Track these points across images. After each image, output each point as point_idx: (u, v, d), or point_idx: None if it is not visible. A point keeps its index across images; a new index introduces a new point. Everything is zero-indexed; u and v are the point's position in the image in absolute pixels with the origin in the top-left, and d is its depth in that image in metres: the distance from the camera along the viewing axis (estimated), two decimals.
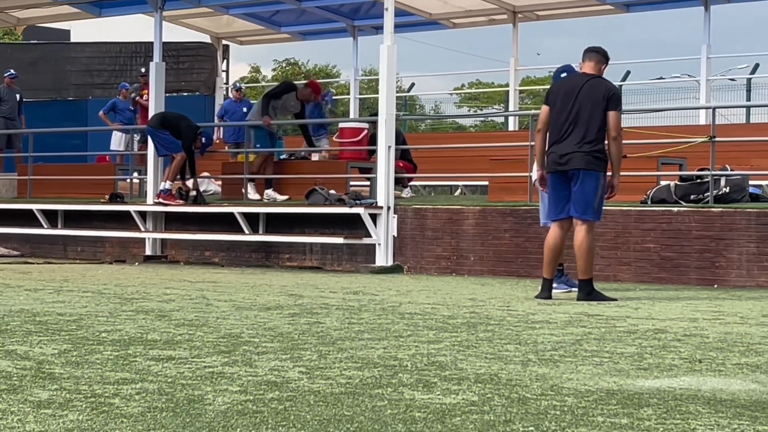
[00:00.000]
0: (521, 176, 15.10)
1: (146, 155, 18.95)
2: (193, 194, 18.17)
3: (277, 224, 17.00)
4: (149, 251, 18.25)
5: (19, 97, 22.49)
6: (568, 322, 8.40)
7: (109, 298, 10.32)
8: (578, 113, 10.36)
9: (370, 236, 15.73)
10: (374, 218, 15.70)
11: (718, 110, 15.75)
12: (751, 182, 14.70)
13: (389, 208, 15.71)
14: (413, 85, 32.20)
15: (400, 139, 16.82)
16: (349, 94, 24.40)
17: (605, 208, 10.76)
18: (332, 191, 16.60)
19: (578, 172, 10.32)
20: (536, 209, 12.24)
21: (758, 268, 12.97)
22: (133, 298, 10.36)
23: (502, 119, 31.51)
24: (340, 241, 15.97)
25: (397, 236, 15.68)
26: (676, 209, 13.66)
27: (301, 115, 18.70)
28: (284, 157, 19.17)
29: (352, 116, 23.30)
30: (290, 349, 6.48)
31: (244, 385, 5.13)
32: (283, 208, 17.12)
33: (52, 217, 19.42)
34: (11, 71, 22.68)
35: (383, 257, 15.65)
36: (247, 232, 16.96)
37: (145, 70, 21.20)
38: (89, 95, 27.85)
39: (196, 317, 8.41)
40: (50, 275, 13.91)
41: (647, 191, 14.09)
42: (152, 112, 18.56)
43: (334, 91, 23.86)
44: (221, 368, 5.65)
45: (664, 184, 14.37)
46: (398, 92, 23.03)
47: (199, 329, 7.53)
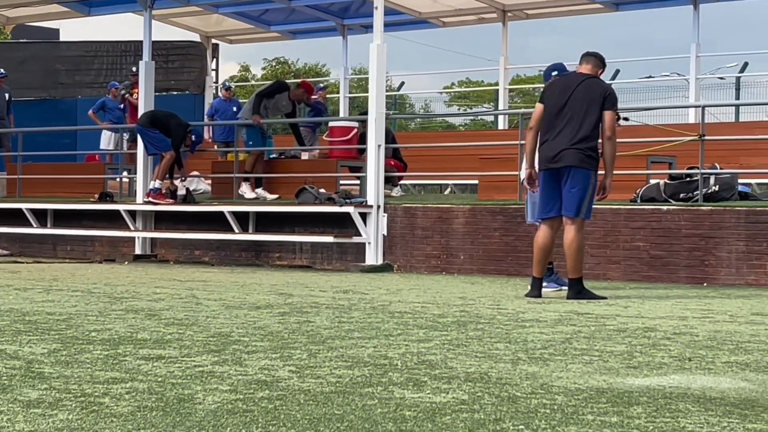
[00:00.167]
0: (511, 175, 15.12)
1: (136, 154, 18.93)
2: (182, 193, 18.16)
3: (267, 223, 16.99)
4: (139, 250, 18.24)
5: (8, 96, 22.42)
6: (557, 320, 8.41)
7: (98, 297, 10.30)
8: (572, 111, 10.34)
9: (360, 235, 15.73)
10: (364, 217, 15.70)
11: (707, 109, 15.77)
12: (740, 180, 14.73)
13: (379, 206, 15.71)
14: (403, 83, 32.21)
15: (389, 137, 16.83)
16: (338, 92, 24.38)
17: (595, 206, 10.76)
18: (322, 190, 16.60)
19: (569, 169, 10.31)
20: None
21: (747, 266, 13.00)
22: (122, 297, 10.34)
23: (491, 118, 31.54)
24: (330, 240, 15.97)
25: (387, 235, 15.68)
26: (665, 208, 13.68)
27: (292, 115, 18.76)
28: (274, 156, 19.16)
29: (341, 115, 23.29)
30: (280, 348, 6.48)
31: (234, 384, 5.12)
32: (273, 207, 17.11)
33: (41, 216, 19.40)
34: (0, 70, 22.62)
35: (373, 256, 15.65)
36: (237, 231, 16.95)
37: (136, 68, 21.18)
38: (78, 94, 27.81)
39: (185, 316, 8.40)
40: (40, 274, 13.89)
41: (637, 190, 14.12)
42: (142, 111, 18.55)
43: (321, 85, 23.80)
44: (211, 367, 5.65)
45: (653, 182, 14.40)
46: (388, 91, 23.05)
47: (188, 328, 7.52)
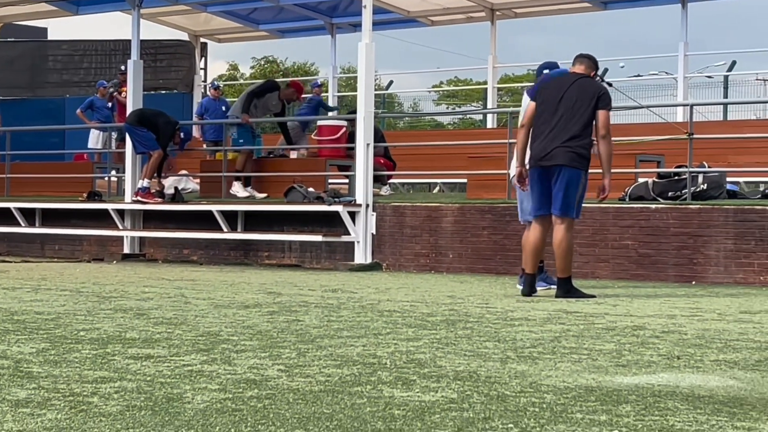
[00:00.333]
0: (500, 173, 15.12)
1: (124, 153, 18.91)
2: (170, 192, 18.15)
3: (255, 222, 16.99)
4: (127, 249, 18.22)
5: None
6: (546, 319, 8.41)
7: (87, 296, 10.29)
8: (565, 110, 10.32)
9: (348, 234, 15.73)
10: (353, 216, 15.70)
11: (695, 107, 15.80)
12: (728, 179, 14.76)
13: (368, 205, 15.71)
14: (392, 82, 32.22)
15: (379, 136, 16.83)
16: (327, 91, 24.38)
17: (583, 205, 10.75)
18: (311, 189, 16.60)
19: (560, 168, 10.30)
20: (514, 206, 12.23)
21: (735, 264, 13.03)
22: (111, 296, 10.33)
23: (480, 117, 31.54)
24: (318, 239, 15.96)
25: (375, 234, 15.68)
26: (654, 206, 13.70)
27: (281, 114, 18.79)
28: (263, 154, 19.16)
29: (330, 114, 23.28)
30: (269, 347, 6.48)
31: (223, 383, 5.12)
32: (261, 206, 17.10)
33: (29, 215, 19.36)
34: None
35: (362, 255, 15.65)
36: (225, 230, 16.94)
37: (124, 67, 21.15)
38: (67, 93, 27.75)
39: (174, 315, 8.40)
40: (28, 274, 13.86)
41: (625, 188, 14.14)
42: (130, 110, 18.52)
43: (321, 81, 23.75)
44: (200, 366, 5.64)
45: (642, 181, 14.43)
46: (377, 90, 23.04)
47: (177, 327, 7.51)
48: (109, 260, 17.83)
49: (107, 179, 20.23)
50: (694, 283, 13.10)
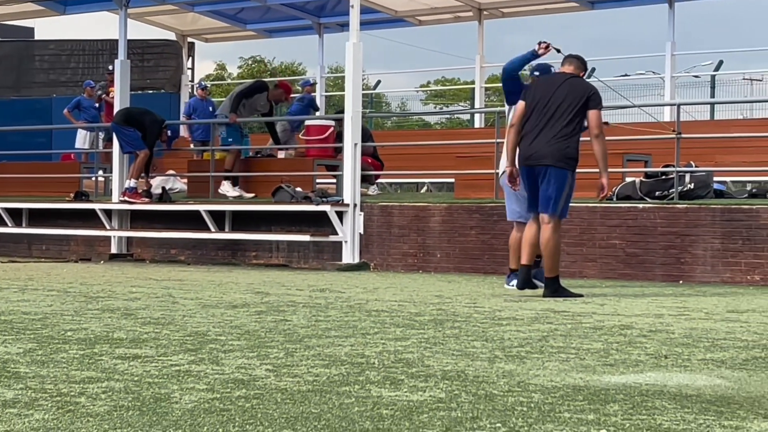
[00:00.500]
0: (487, 173, 15.15)
1: (111, 153, 18.87)
2: (158, 192, 18.12)
3: (243, 222, 16.97)
4: (115, 249, 18.18)
5: None
6: (534, 318, 8.42)
7: (74, 296, 10.27)
8: (554, 110, 10.30)
9: (336, 234, 15.72)
10: (341, 216, 15.69)
11: (682, 107, 15.82)
12: (715, 178, 14.79)
13: (356, 205, 15.70)
14: (379, 82, 32.26)
15: (367, 135, 16.83)
16: (315, 91, 24.36)
17: (571, 204, 10.74)
18: (298, 189, 16.59)
19: (547, 168, 10.29)
20: (502, 206, 12.22)
21: (723, 264, 13.05)
22: (98, 296, 10.31)
23: (467, 116, 31.54)
24: (306, 238, 15.95)
25: (363, 234, 15.67)
26: (641, 206, 13.72)
27: (268, 115, 18.79)
28: (251, 154, 19.14)
29: (318, 113, 23.27)
30: (257, 347, 6.47)
31: (210, 383, 5.11)
32: (249, 205, 17.08)
33: (16, 215, 19.31)
34: None
35: (350, 255, 15.64)
36: (213, 230, 16.92)
37: (111, 67, 21.12)
38: (53, 93, 27.70)
39: (162, 315, 8.38)
40: (15, 274, 13.83)
41: (613, 188, 14.15)
42: (117, 110, 18.50)
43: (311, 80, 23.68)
44: (188, 366, 5.64)
45: (629, 180, 14.45)
46: (364, 89, 23.05)
47: (165, 327, 7.50)
48: (96, 260, 17.79)
49: (94, 179, 20.20)
50: (681, 282, 13.12)
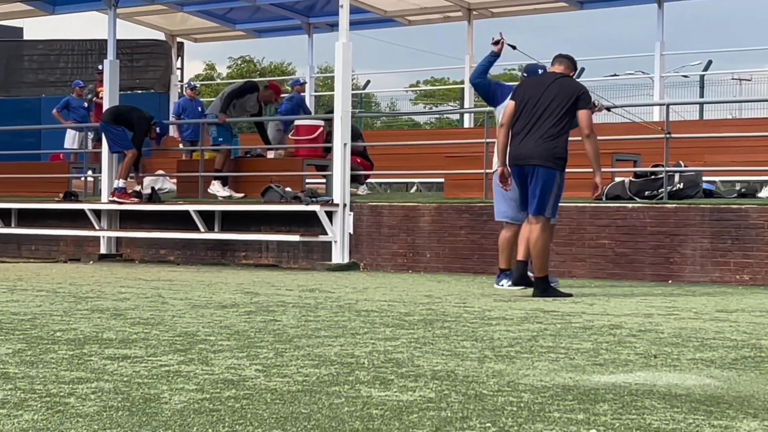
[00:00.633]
0: (477, 173, 15.16)
1: (100, 153, 18.85)
2: (147, 192, 18.10)
3: (232, 222, 16.95)
4: (104, 250, 18.16)
5: None
6: (524, 318, 8.42)
7: (63, 297, 10.25)
8: (544, 109, 10.30)
9: (326, 234, 15.71)
10: (330, 216, 15.69)
11: (671, 107, 15.84)
12: (704, 178, 14.81)
13: (345, 205, 15.70)
14: (369, 82, 32.26)
15: (357, 135, 16.83)
16: (304, 91, 24.36)
17: (560, 204, 10.75)
18: (288, 189, 16.58)
19: (535, 168, 10.30)
20: (492, 206, 12.22)
21: (712, 263, 13.07)
22: (87, 296, 10.30)
23: (457, 116, 31.57)
24: (296, 238, 15.94)
25: (353, 233, 15.67)
26: (630, 205, 13.73)
27: (258, 115, 18.80)
28: (240, 154, 19.13)
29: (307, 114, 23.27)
30: (246, 347, 6.47)
31: (200, 383, 5.11)
32: (238, 205, 17.07)
33: (5, 215, 19.28)
34: None
35: (339, 255, 15.64)
36: (202, 230, 16.90)
37: (101, 67, 21.10)
38: (42, 93, 27.65)
39: (151, 316, 8.38)
40: (4, 274, 13.81)
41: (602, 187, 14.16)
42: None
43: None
44: (177, 367, 5.63)
45: (618, 180, 14.47)
46: (354, 89, 23.03)
47: (154, 328, 7.49)
48: (85, 260, 17.77)
49: (83, 179, 20.17)
50: (670, 282, 13.14)
